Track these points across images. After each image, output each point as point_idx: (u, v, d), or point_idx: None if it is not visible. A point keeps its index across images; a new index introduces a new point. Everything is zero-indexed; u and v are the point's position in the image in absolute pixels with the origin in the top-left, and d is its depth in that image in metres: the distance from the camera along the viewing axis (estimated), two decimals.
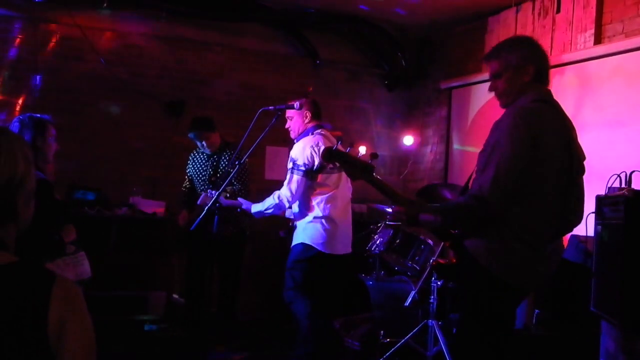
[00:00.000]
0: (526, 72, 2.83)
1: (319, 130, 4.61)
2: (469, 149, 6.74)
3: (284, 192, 4.45)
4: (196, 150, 5.68)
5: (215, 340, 5.42)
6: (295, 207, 4.56)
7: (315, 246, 4.46)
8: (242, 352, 5.40)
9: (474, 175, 2.84)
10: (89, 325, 1.46)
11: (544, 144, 2.68)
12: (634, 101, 4.93)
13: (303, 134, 4.65)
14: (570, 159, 2.85)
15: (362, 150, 4.45)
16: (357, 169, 2.89)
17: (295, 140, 4.70)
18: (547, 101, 2.84)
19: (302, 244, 4.52)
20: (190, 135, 5.47)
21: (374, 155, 3.00)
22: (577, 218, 2.99)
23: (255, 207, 4.60)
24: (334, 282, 4.84)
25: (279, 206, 4.49)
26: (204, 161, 5.57)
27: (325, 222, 4.47)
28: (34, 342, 1.36)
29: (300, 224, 4.57)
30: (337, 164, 2.96)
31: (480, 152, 2.78)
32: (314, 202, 4.49)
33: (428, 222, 2.85)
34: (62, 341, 1.39)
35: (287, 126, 4.72)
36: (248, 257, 5.86)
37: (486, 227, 2.74)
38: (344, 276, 5.09)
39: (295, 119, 4.67)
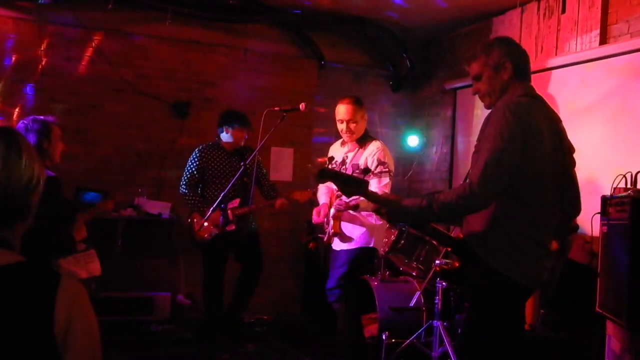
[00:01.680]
0: (505, 69, 2.85)
1: (370, 134, 4.81)
2: (474, 138, 6.74)
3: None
4: (207, 146, 5.57)
5: (224, 340, 5.47)
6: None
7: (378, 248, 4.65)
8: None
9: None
10: (94, 325, 1.46)
11: (535, 138, 2.69)
12: (639, 101, 4.91)
13: (363, 137, 4.71)
14: (562, 152, 2.87)
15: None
16: (351, 186, 2.89)
17: (357, 144, 4.69)
18: (533, 96, 2.86)
19: (372, 248, 4.69)
20: (235, 125, 5.44)
21: (366, 170, 3.01)
22: (576, 210, 3.01)
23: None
24: None
25: None
26: (224, 158, 5.51)
27: None
28: (40, 342, 1.37)
29: (372, 226, 4.64)
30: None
31: (474, 151, 2.80)
32: None
33: (410, 220, 2.85)
34: (68, 341, 1.40)
35: (349, 129, 4.65)
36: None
37: (489, 227, 2.74)
38: None
39: (360, 123, 4.67)
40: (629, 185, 3.89)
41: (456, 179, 7.06)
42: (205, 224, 5.00)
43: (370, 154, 4.55)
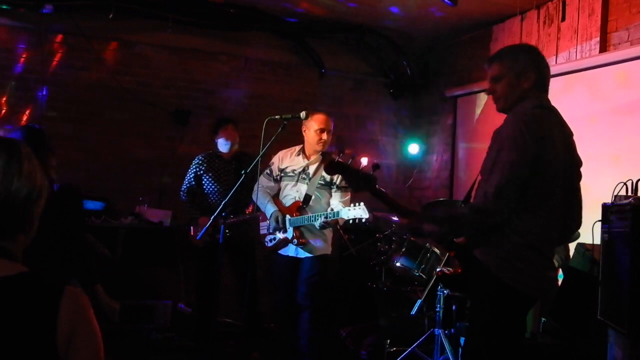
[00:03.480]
0: (527, 78, 2.84)
1: None
2: (474, 146, 6.74)
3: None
4: (206, 154, 5.60)
5: (249, 349, 5.50)
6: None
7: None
8: None
9: (476, 184, 2.85)
10: (97, 335, 1.46)
11: (547, 151, 2.69)
12: (639, 109, 4.92)
13: (326, 152, 4.77)
14: (571, 165, 2.87)
15: (364, 161, 4.64)
16: (359, 181, 2.90)
17: (321, 156, 4.75)
18: (547, 108, 2.85)
19: (329, 255, 4.76)
20: (223, 125, 5.49)
21: (375, 166, 3.01)
22: (578, 223, 3.01)
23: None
24: None
25: None
26: (221, 166, 5.53)
27: None
28: (43, 354, 1.36)
29: (328, 234, 4.72)
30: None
31: (484, 160, 2.79)
32: None
33: (432, 233, 2.86)
34: (71, 352, 1.39)
35: (327, 140, 4.73)
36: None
37: (494, 235, 2.74)
38: None
39: (331, 136, 4.78)
40: (629, 193, 3.89)
41: (457, 186, 7.06)
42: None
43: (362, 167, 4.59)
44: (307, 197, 4.63)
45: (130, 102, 6.46)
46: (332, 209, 4.45)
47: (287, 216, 4.67)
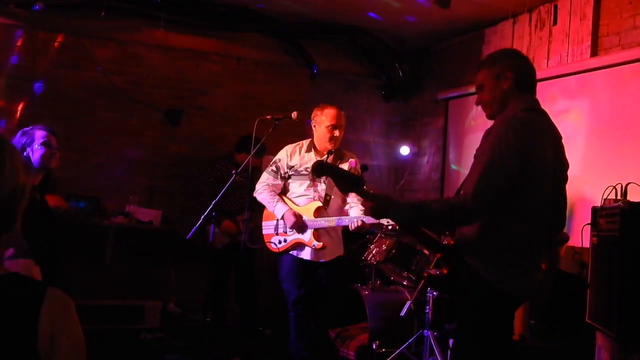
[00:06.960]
0: (506, 79, 2.86)
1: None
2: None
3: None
4: (221, 158, 5.75)
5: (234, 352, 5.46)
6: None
7: None
8: None
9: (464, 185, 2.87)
10: (80, 338, 1.42)
11: (536, 154, 2.70)
12: (629, 113, 4.95)
13: (340, 148, 4.66)
14: (561, 169, 2.89)
15: (353, 162, 4.62)
16: (348, 182, 2.88)
17: (335, 153, 4.55)
18: (536, 110, 2.86)
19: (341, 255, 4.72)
20: (243, 152, 5.56)
21: (364, 168, 3.00)
22: (562, 225, 3.03)
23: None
24: None
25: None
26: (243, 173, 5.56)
27: None
28: (23, 355, 1.33)
29: (340, 234, 4.68)
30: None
31: (474, 161, 2.81)
32: None
33: (397, 216, 2.87)
34: (53, 354, 1.36)
35: (338, 136, 4.54)
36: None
37: (482, 238, 2.75)
38: None
39: (343, 131, 4.62)
40: (619, 197, 3.91)
41: (448, 188, 7.08)
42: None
43: (351, 168, 4.34)
44: (328, 198, 4.34)
45: (121, 101, 6.43)
46: (362, 212, 4.30)
47: (305, 217, 4.45)
